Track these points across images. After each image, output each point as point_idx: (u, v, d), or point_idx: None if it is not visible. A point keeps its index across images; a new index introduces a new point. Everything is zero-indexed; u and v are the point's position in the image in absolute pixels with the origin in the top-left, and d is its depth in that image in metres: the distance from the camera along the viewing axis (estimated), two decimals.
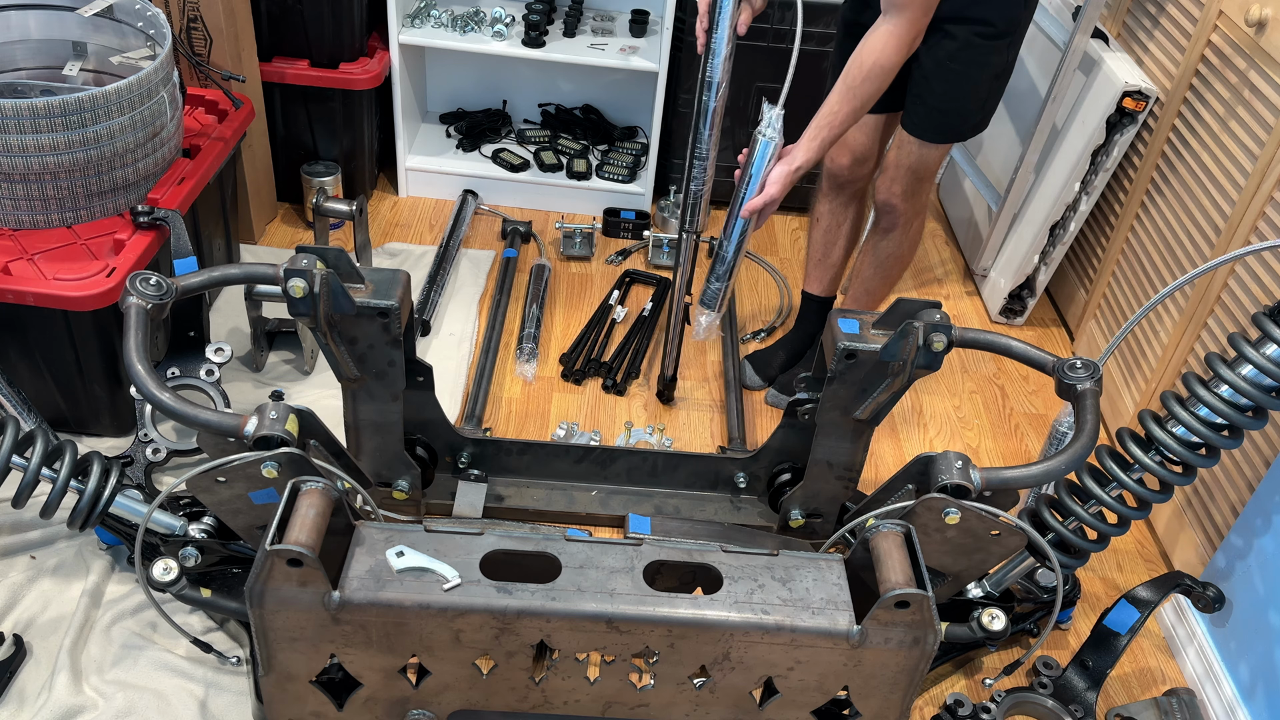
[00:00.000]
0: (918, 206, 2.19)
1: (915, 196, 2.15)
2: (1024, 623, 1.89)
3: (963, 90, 2.01)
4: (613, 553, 1.45)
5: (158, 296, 1.56)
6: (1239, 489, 1.91)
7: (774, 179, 1.88)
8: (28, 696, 1.64)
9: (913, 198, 2.15)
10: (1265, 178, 1.95)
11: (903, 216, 2.18)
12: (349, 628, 1.39)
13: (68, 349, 1.96)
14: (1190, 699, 1.82)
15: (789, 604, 1.41)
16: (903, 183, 2.12)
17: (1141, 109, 2.38)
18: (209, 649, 1.69)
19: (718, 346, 2.61)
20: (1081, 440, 1.56)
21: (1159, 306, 2.28)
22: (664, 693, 1.48)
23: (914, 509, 1.50)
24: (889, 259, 2.28)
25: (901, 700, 1.48)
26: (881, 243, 2.26)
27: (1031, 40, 2.70)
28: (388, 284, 1.70)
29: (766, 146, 1.86)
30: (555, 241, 2.92)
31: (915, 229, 2.24)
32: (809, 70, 2.82)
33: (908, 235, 2.24)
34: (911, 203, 2.16)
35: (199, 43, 2.42)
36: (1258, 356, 1.52)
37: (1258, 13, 2.00)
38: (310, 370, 2.35)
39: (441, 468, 2.07)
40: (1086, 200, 2.55)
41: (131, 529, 1.69)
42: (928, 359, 1.68)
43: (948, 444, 2.42)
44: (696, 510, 2.10)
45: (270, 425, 1.46)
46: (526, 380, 2.45)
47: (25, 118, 1.85)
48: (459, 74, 3.19)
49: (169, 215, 2.00)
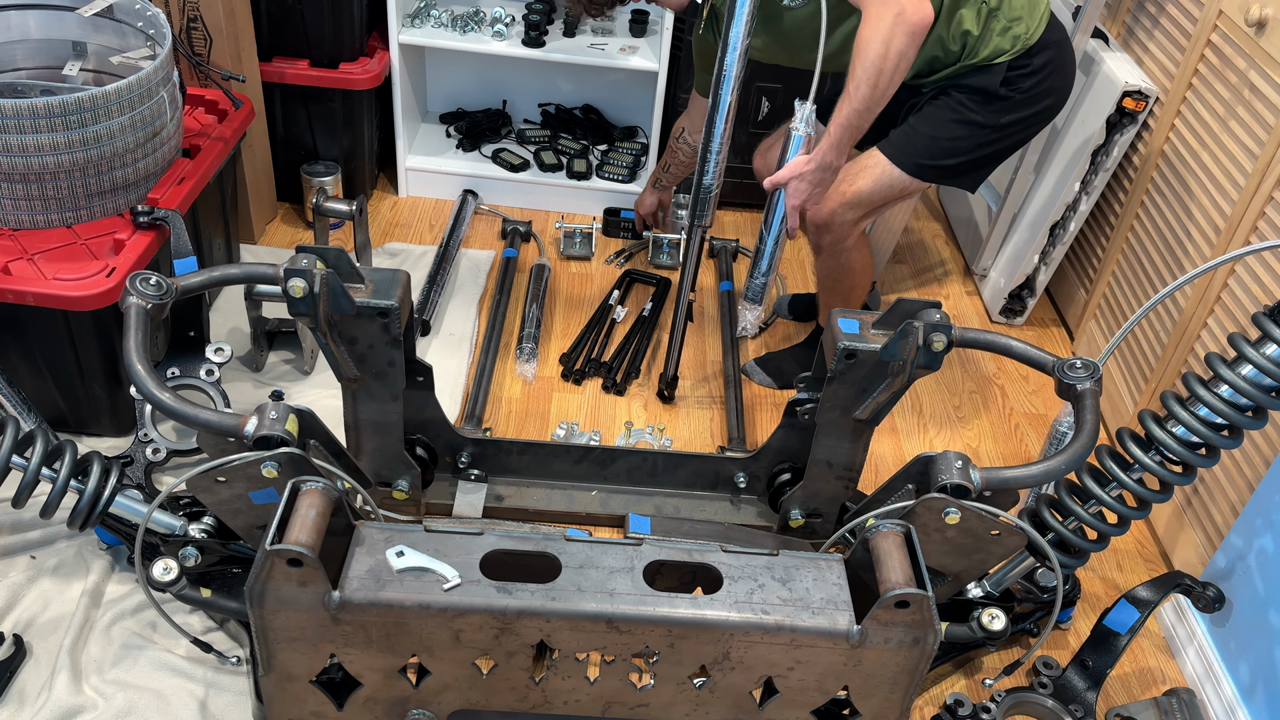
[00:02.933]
0: (840, 233, 2.14)
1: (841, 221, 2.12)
2: (1024, 623, 1.89)
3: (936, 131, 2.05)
4: (613, 553, 1.45)
5: (158, 296, 1.56)
6: (1239, 489, 1.91)
7: (789, 166, 1.93)
8: (28, 696, 1.64)
9: (837, 221, 2.12)
10: (1265, 178, 1.95)
11: (825, 236, 2.15)
12: (349, 628, 1.39)
13: (68, 349, 1.96)
14: (1190, 699, 1.82)
15: (789, 604, 1.41)
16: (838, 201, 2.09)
17: (1141, 109, 2.38)
18: (209, 649, 1.69)
19: (718, 346, 2.61)
20: (1081, 440, 1.56)
21: (1159, 306, 2.28)
22: (664, 693, 1.48)
23: (914, 509, 1.50)
24: (827, 280, 2.30)
25: (901, 700, 1.48)
26: (816, 264, 2.30)
27: None
28: (388, 284, 1.70)
29: (799, 140, 1.93)
30: (555, 241, 2.93)
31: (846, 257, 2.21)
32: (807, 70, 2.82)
33: (838, 261, 2.21)
34: (833, 226, 2.12)
35: (199, 43, 2.42)
36: (1258, 356, 1.52)
37: (1258, 13, 2.00)
38: (310, 370, 2.35)
39: (441, 468, 2.07)
40: (1086, 200, 2.55)
41: (131, 529, 1.69)
42: (928, 359, 1.68)
43: (948, 444, 2.42)
44: (696, 510, 2.10)
45: (270, 425, 1.46)
46: (526, 380, 2.45)
47: (25, 118, 1.85)
48: (459, 74, 3.19)
49: (169, 215, 2.00)
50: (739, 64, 1.91)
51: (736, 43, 1.88)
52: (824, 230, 2.14)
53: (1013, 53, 2.00)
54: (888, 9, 1.79)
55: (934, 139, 2.07)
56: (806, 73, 1.91)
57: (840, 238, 2.16)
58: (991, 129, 2.06)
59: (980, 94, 2.03)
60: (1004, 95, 2.02)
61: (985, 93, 2.02)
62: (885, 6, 1.79)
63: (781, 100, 2.85)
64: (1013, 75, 2.01)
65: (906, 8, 1.79)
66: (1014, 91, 2.03)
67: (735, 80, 1.93)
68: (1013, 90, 2.02)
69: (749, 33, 1.88)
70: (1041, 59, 2.02)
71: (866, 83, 1.82)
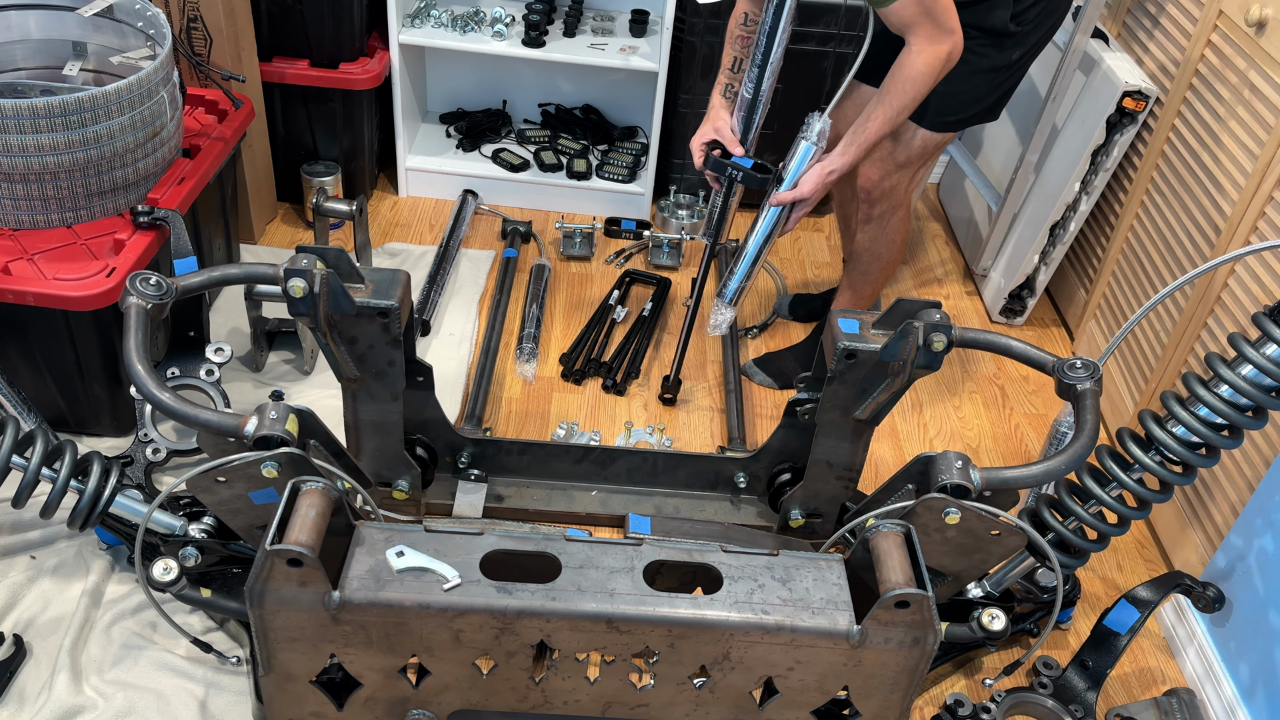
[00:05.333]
0: (895, 199, 2.18)
1: (893, 186, 2.15)
2: (1024, 623, 1.89)
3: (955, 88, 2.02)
4: (613, 553, 1.45)
5: (158, 296, 1.56)
6: (1239, 489, 1.91)
7: (808, 178, 1.95)
8: (28, 696, 1.64)
9: (890, 187, 2.15)
10: (1265, 178, 1.95)
11: (877, 205, 2.18)
12: (349, 628, 1.39)
13: (68, 349, 1.96)
14: (1190, 699, 1.82)
15: (789, 604, 1.41)
16: (881, 167, 2.12)
17: (1141, 109, 2.38)
18: (209, 649, 1.69)
19: (718, 346, 2.61)
20: (1081, 440, 1.56)
21: (1159, 306, 2.28)
22: (664, 693, 1.48)
23: (914, 509, 1.50)
24: (866, 255, 2.29)
25: (901, 700, 1.48)
26: (858, 237, 2.28)
27: None
28: (388, 284, 1.70)
29: (808, 150, 1.96)
30: (555, 241, 2.93)
31: (893, 225, 2.23)
32: (807, 70, 2.83)
33: (884, 231, 2.23)
34: (888, 192, 2.16)
35: (199, 43, 2.42)
36: (1258, 356, 1.52)
37: (1258, 13, 2.00)
38: (310, 370, 2.35)
39: (441, 468, 2.07)
40: (1086, 200, 2.55)
41: (131, 529, 1.69)
42: (928, 359, 1.68)
43: (948, 444, 2.42)
44: (696, 510, 2.10)
45: (270, 425, 1.46)
46: (526, 380, 2.45)
47: (25, 118, 1.85)
48: (459, 74, 3.19)
49: (169, 215, 2.00)
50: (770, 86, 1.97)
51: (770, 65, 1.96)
52: (878, 199, 2.17)
53: None
54: (941, 47, 1.82)
55: (955, 95, 2.05)
56: (808, 75, 1.93)
57: (894, 205, 2.19)
58: (1005, 69, 2.06)
59: (991, 35, 2.00)
60: (1014, 30, 2.00)
61: (996, 33, 2.00)
62: (939, 45, 1.81)
63: (782, 100, 2.84)
64: (1019, 8, 1.99)
65: (956, 49, 1.83)
66: (1023, 25, 2.01)
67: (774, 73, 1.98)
68: (1022, 24, 2.00)
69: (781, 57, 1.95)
70: None
71: (905, 110, 1.88)
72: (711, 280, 2.86)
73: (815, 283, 2.89)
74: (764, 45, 1.99)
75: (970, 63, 2.03)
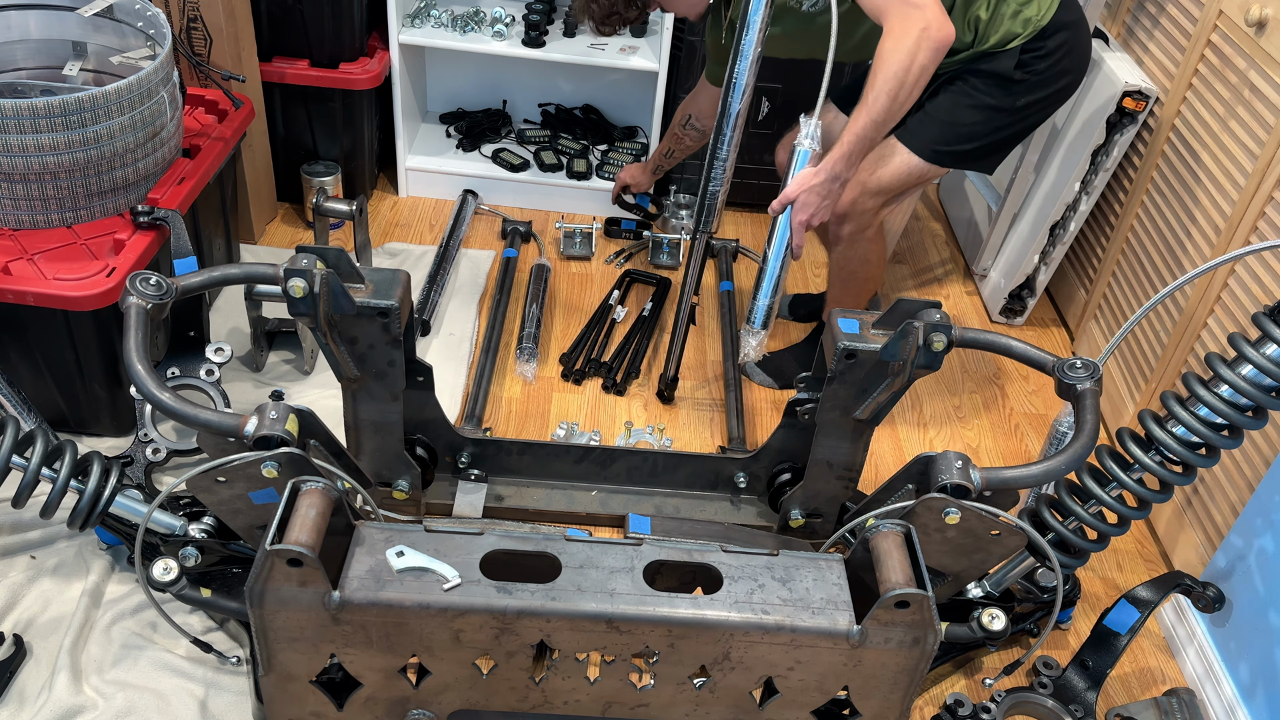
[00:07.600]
0: (863, 222, 2.15)
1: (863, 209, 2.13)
2: (1024, 623, 1.89)
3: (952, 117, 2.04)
4: (613, 553, 1.45)
5: (158, 296, 1.56)
6: (1239, 489, 1.91)
7: (797, 180, 1.88)
8: (28, 696, 1.64)
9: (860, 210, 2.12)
10: (1265, 178, 1.95)
11: (845, 225, 2.15)
12: (349, 628, 1.39)
13: (68, 349, 1.96)
14: (1190, 699, 1.82)
15: (789, 604, 1.41)
16: (854, 187, 2.09)
17: (1141, 109, 2.38)
18: (209, 649, 1.69)
19: (718, 346, 2.61)
20: (1081, 440, 1.56)
21: (1159, 306, 2.28)
22: (664, 693, 1.48)
23: (914, 509, 1.50)
24: (841, 273, 2.29)
25: (901, 700, 1.48)
26: (831, 255, 2.28)
27: None
28: (388, 284, 1.70)
29: (805, 155, 1.91)
30: (555, 241, 2.93)
31: (863, 246, 2.21)
32: (807, 70, 2.83)
33: (855, 250, 2.21)
34: (857, 215, 2.13)
35: (199, 43, 2.42)
36: (1258, 356, 1.52)
37: (1258, 13, 2.00)
38: (310, 370, 2.35)
39: (441, 468, 2.07)
40: (1086, 200, 2.55)
41: (131, 529, 1.69)
42: (928, 359, 1.67)
43: (948, 444, 2.42)
44: (696, 510, 2.10)
45: (270, 425, 1.46)
46: (526, 380, 2.45)
47: (25, 118, 1.85)
48: (459, 74, 3.19)
49: (169, 215, 2.01)
50: (751, 72, 1.91)
51: (749, 51, 1.88)
52: (844, 219, 2.14)
53: (1025, 36, 1.98)
54: (912, 24, 1.77)
55: (951, 125, 2.06)
56: (807, 74, 1.92)
57: (861, 226, 2.16)
58: (1008, 112, 2.06)
59: (995, 78, 2.02)
60: (1019, 79, 2.01)
61: (1000, 77, 2.01)
62: (909, 21, 1.77)
63: (782, 101, 2.85)
64: (1027, 58, 2.00)
65: (931, 24, 1.77)
66: (1029, 74, 2.01)
67: (747, 90, 1.93)
68: (1028, 73, 2.01)
69: (762, 41, 1.88)
70: (1055, 40, 2.00)
71: (887, 95, 1.80)
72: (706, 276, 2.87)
73: (815, 283, 2.89)
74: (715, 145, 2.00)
75: (971, 95, 2.04)
